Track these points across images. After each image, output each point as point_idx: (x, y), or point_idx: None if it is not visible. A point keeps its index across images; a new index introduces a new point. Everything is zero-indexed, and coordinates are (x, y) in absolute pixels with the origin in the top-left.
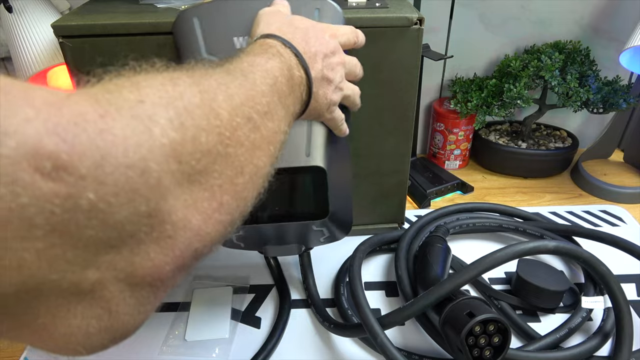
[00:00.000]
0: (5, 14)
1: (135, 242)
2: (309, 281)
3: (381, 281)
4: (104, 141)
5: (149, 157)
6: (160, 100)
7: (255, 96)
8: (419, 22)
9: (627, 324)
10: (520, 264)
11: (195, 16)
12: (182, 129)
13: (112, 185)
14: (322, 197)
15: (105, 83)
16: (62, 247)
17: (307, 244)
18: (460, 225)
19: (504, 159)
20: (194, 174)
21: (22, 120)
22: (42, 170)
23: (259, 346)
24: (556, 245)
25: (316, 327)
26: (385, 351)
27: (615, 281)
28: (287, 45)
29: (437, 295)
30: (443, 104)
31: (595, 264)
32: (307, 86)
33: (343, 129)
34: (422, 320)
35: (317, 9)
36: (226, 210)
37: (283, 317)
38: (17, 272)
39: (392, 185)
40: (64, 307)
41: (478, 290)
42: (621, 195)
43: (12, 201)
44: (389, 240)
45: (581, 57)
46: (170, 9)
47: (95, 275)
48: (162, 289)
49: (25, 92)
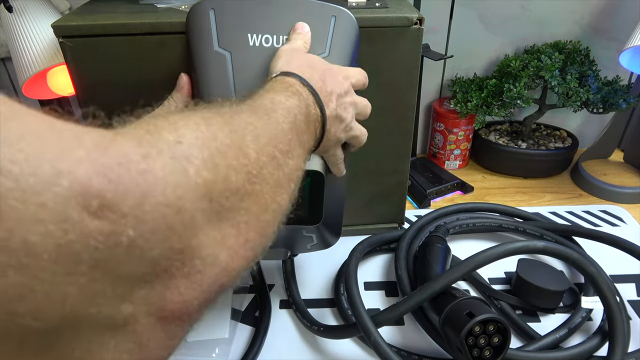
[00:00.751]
0: (6, 14)
1: (168, 277)
2: (292, 288)
3: (381, 281)
4: (146, 181)
5: (185, 197)
6: (197, 140)
7: (278, 135)
8: (419, 22)
9: (618, 324)
10: (520, 264)
11: (211, 8)
12: (215, 169)
13: (151, 222)
14: (316, 203)
15: (145, 123)
16: (102, 282)
17: (294, 249)
18: (460, 225)
19: (504, 159)
20: (223, 212)
21: (74, 161)
22: (89, 208)
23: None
24: (545, 245)
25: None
26: (378, 349)
27: (605, 281)
28: (305, 84)
29: (430, 291)
30: (443, 104)
31: (583, 264)
32: (321, 124)
33: (341, 168)
34: (422, 321)
35: (334, 16)
36: (251, 247)
37: (264, 323)
38: (60, 305)
39: (392, 185)
40: (99, 341)
41: (478, 290)
42: (621, 195)
43: (62, 237)
44: (388, 240)
45: (581, 57)
46: (170, 9)
47: (129, 310)
48: (188, 323)
49: (77, 133)
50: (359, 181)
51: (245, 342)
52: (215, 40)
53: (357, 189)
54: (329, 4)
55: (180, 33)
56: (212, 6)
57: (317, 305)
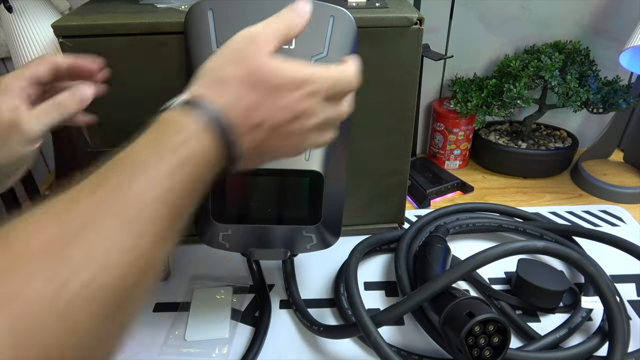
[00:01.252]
0: (5, 14)
1: None
2: (292, 288)
3: (381, 281)
4: None
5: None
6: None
7: (135, 247)
8: (418, 22)
9: (618, 324)
10: (520, 263)
11: (210, 8)
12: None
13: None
14: (316, 203)
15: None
16: None
17: (294, 249)
18: (460, 225)
19: (504, 159)
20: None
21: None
22: None
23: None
24: (545, 245)
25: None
26: (378, 349)
27: (605, 281)
28: (209, 125)
29: (430, 291)
30: (443, 104)
31: (583, 264)
32: (231, 161)
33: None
34: (422, 320)
35: (332, 16)
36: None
37: (264, 323)
38: None
39: (392, 185)
40: None
41: (478, 290)
42: (621, 195)
43: None
44: (388, 240)
45: (581, 57)
46: (170, 9)
47: None
48: None
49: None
50: (359, 181)
51: (245, 342)
52: (213, 40)
53: (357, 189)
54: (327, 3)
55: (180, 33)
56: (210, 7)
57: (317, 305)
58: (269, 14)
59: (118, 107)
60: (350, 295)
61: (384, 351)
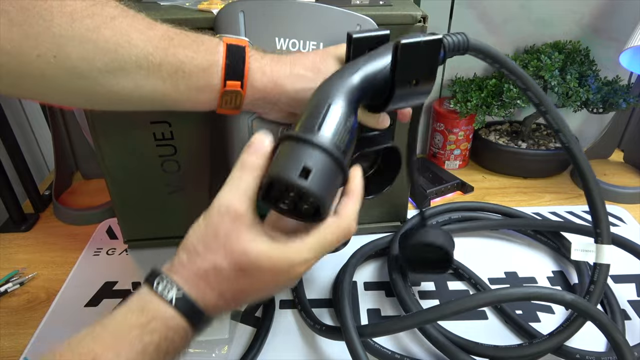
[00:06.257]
0: None
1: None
2: (297, 287)
3: (381, 281)
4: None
5: None
6: None
7: None
8: (422, 19)
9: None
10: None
11: (241, 10)
12: None
13: None
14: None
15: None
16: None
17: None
18: (450, 221)
19: (504, 159)
20: None
21: None
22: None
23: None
24: (573, 300)
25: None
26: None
27: (630, 352)
28: (187, 313)
29: (423, 318)
30: (443, 104)
31: (611, 330)
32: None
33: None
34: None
35: (359, 24)
36: None
37: (266, 324)
38: None
39: (395, 184)
40: None
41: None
42: (621, 195)
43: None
44: (381, 247)
45: (581, 57)
46: (174, 7)
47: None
48: None
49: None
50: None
51: (245, 342)
52: None
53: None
54: (355, 13)
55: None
56: (242, 8)
57: (318, 305)
58: (298, 18)
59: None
60: (342, 315)
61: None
